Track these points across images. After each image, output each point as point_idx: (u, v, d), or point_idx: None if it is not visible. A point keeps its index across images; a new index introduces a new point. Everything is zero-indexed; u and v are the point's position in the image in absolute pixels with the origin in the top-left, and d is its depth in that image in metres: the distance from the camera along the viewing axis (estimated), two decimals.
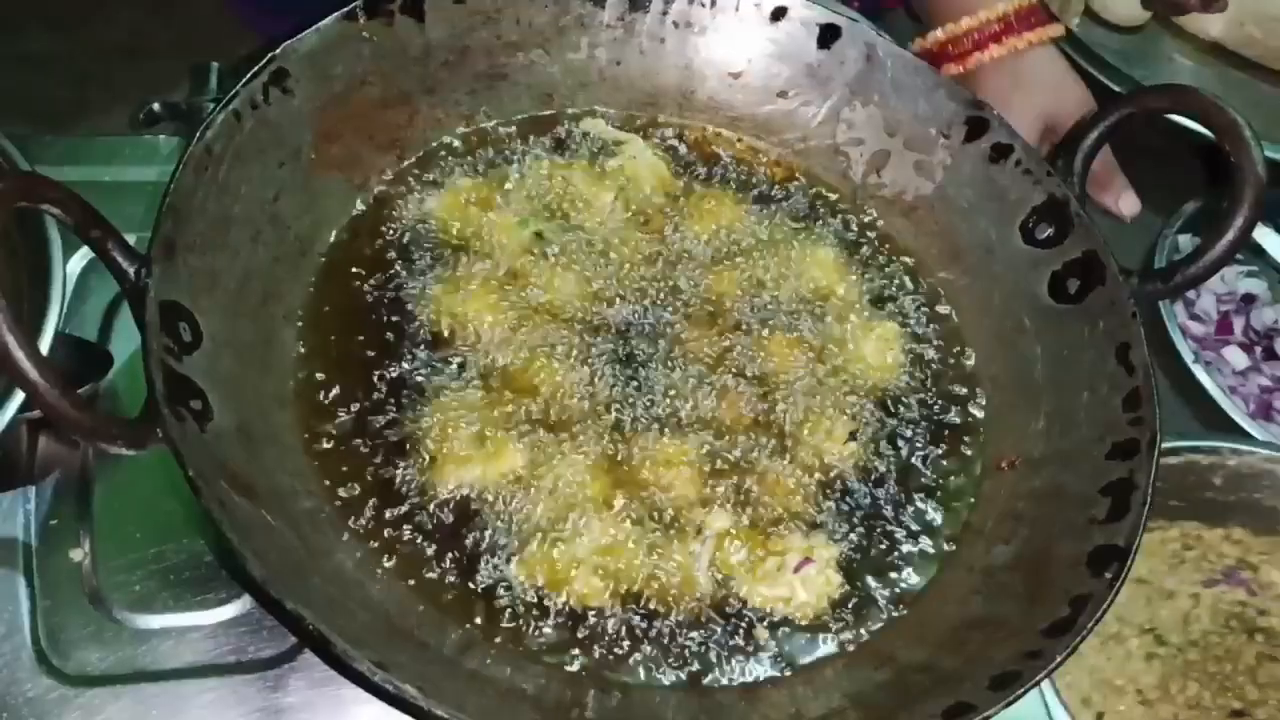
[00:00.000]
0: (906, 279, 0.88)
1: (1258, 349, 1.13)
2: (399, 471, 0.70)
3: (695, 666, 0.67)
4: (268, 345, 0.72)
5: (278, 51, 0.75)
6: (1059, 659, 0.63)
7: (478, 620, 0.66)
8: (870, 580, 0.73)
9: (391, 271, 0.79)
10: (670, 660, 0.67)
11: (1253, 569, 0.93)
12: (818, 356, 0.81)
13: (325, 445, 0.70)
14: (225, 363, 0.67)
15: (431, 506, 0.69)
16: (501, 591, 0.67)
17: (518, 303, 0.79)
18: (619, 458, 0.73)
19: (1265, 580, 0.92)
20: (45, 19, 1.11)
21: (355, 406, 0.72)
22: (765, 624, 0.69)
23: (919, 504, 0.76)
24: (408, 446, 0.71)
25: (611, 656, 0.66)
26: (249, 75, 0.73)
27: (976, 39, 1.03)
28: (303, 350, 0.74)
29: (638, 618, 0.68)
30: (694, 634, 0.68)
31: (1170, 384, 1.03)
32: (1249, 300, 1.16)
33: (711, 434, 0.76)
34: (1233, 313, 1.14)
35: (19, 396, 0.71)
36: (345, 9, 0.79)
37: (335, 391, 0.72)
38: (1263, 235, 1.15)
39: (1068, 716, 0.77)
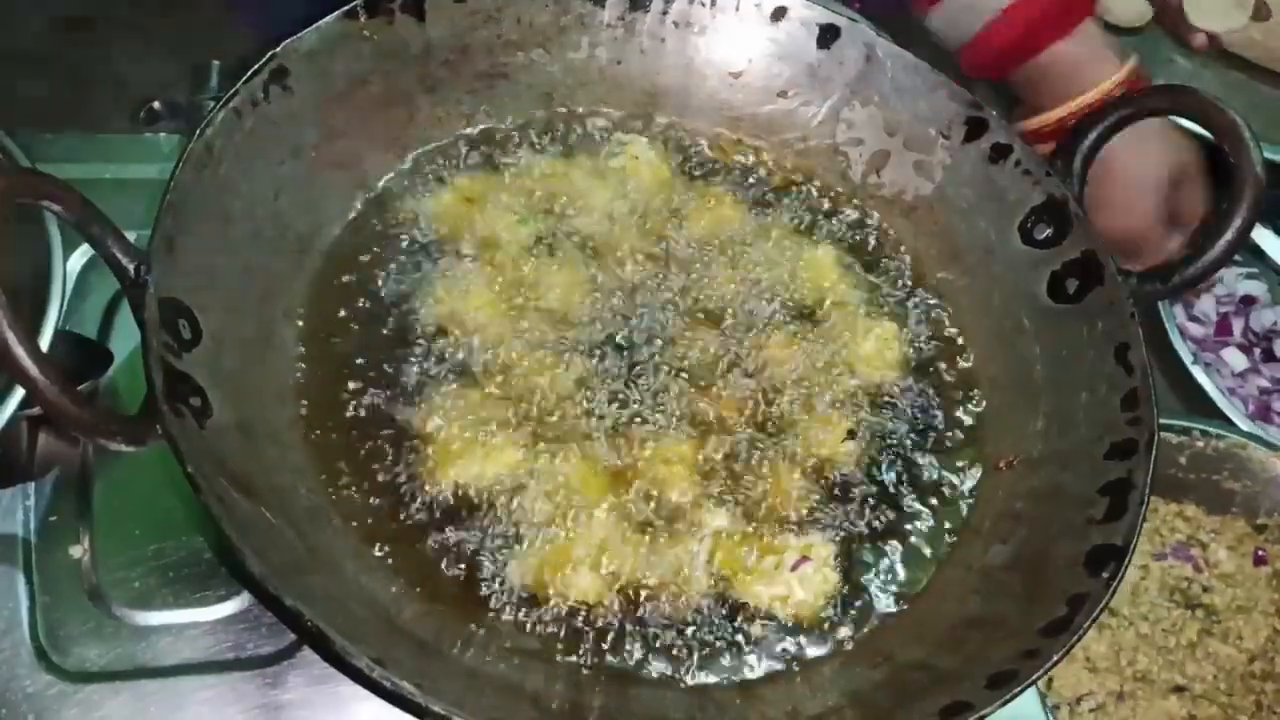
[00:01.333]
0: (906, 279, 0.88)
1: (1257, 350, 1.13)
2: (398, 469, 0.70)
3: (693, 665, 0.67)
4: (267, 343, 0.72)
5: (278, 49, 0.75)
6: (1056, 658, 0.63)
7: (477, 618, 0.66)
8: (868, 579, 0.73)
9: (391, 270, 0.79)
10: (668, 658, 0.67)
11: (1202, 546, 0.95)
12: (816, 356, 0.81)
13: (324, 443, 0.70)
14: (225, 360, 0.67)
15: (430, 504, 0.69)
16: (500, 589, 0.67)
17: (517, 302, 0.79)
18: (617, 456, 0.73)
19: (1213, 558, 0.94)
20: (46, 17, 1.12)
21: (354, 404, 0.72)
22: (763, 622, 0.69)
23: (917, 503, 0.76)
24: (407, 444, 0.71)
25: (609, 655, 0.66)
26: (250, 73, 0.73)
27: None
28: (302, 348, 0.74)
29: (635, 616, 0.68)
30: (692, 632, 0.68)
31: (1169, 385, 1.03)
32: (1248, 302, 1.16)
33: (710, 433, 0.76)
34: (1232, 314, 1.15)
35: (19, 393, 0.71)
36: (346, 7, 0.79)
37: (335, 389, 0.72)
38: (1262, 236, 1.16)
39: None
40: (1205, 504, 0.97)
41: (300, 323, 0.75)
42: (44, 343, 0.75)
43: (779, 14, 0.90)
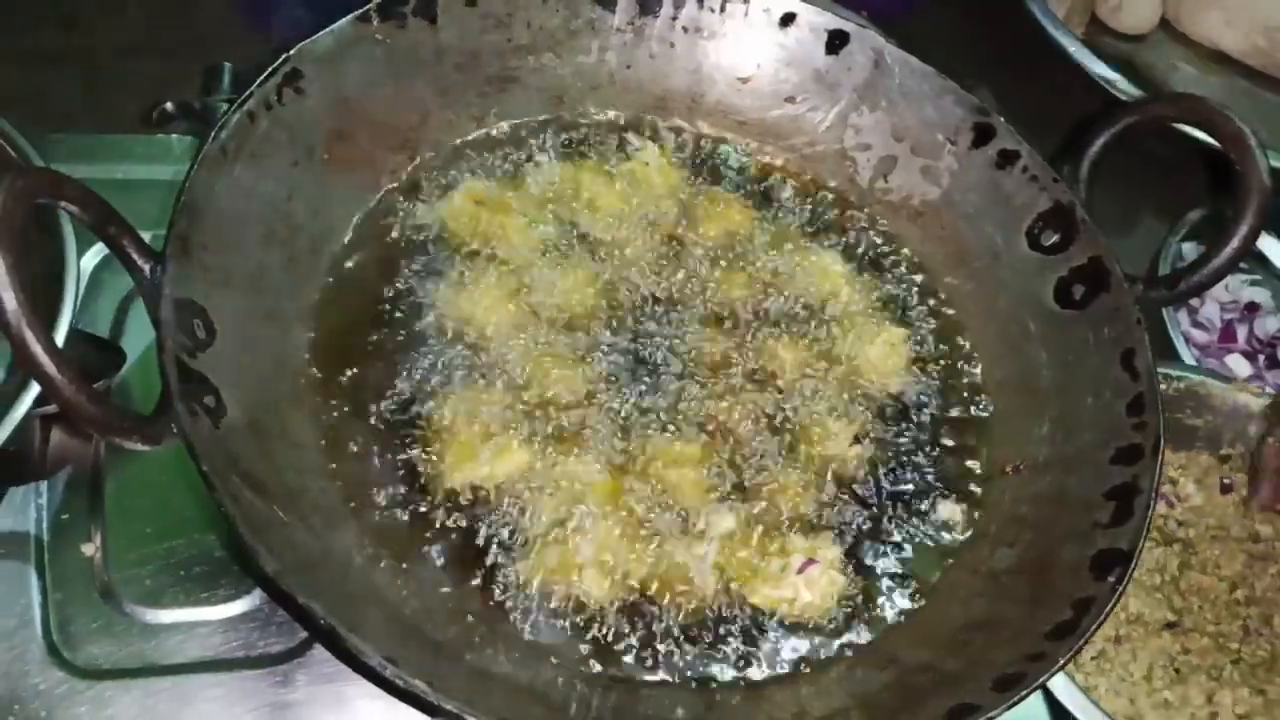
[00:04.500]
0: (913, 284, 0.88)
1: (1261, 357, 1.13)
2: (408, 469, 0.71)
3: (700, 666, 0.67)
4: (281, 343, 0.72)
5: (292, 53, 0.76)
6: (1062, 661, 0.63)
7: (486, 617, 0.66)
8: (874, 581, 0.73)
9: (402, 271, 0.79)
10: (675, 659, 0.67)
11: (1171, 483, 0.97)
12: (824, 360, 0.81)
13: (336, 442, 0.71)
14: (239, 359, 0.67)
15: (440, 505, 0.70)
16: (509, 590, 0.68)
17: (527, 304, 0.79)
18: (625, 458, 0.74)
19: (1183, 493, 0.96)
20: (60, 17, 1.12)
21: (366, 405, 0.73)
22: (769, 624, 0.70)
23: (923, 507, 0.77)
24: (417, 445, 0.72)
25: (617, 655, 0.67)
26: (263, 76, 0.74)
27: None
28: (315, 348, 0.74)
29: (643, 617, 0.68)
30: (699, 634, 0.69)
31: None
32: (1252, 309, 1.16)
33: (718, 436, 0.76)
34: (1236, 321, 1.15)
35: (33, 391, 0.72)
36: (359, 11, 0.80)
37: (346, 389, 0.73)
38: (1267, 244, 1.16)
39: None
40: (1171, 442, 0.97)
41: (313, 323, 0.75)
42: (58, 341, 0.75)
43: (788, 20, 0.90)
